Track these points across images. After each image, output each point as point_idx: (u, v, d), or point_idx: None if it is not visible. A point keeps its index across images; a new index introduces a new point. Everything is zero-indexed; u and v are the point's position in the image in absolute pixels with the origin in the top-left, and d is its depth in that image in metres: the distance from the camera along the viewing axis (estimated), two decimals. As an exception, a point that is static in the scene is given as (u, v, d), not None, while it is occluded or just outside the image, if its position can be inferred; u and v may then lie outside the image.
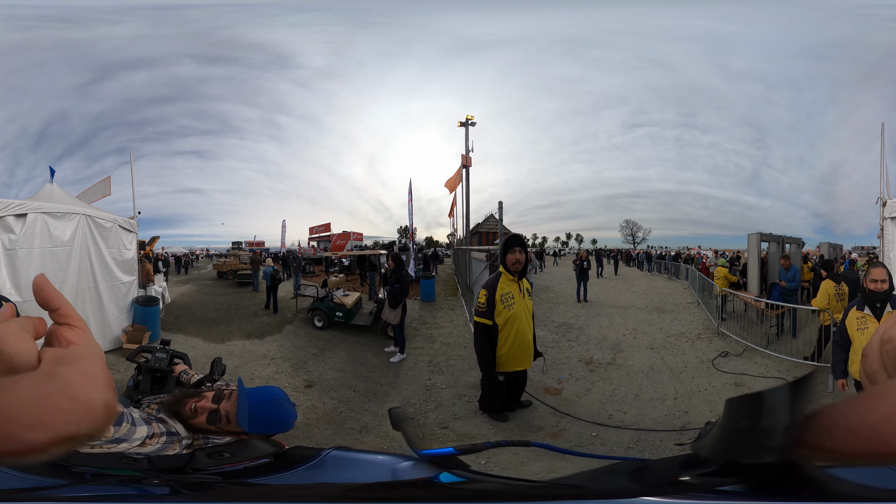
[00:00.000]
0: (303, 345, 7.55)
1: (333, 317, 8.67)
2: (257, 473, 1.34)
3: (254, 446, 1.54)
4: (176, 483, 1.18)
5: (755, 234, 10.61)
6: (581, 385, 5.28)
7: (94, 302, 6.50)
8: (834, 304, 5.73)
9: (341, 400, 5.13)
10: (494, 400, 4.18)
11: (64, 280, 5.83)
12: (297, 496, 1.16)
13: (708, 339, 7.35)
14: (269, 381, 5.68)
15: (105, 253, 6.89)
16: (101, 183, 8.53)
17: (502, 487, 1.11)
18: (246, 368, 6.25)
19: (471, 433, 4.05)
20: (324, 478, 1.21)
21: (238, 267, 19.36)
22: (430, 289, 12.03)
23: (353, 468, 1.30)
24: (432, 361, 6.43)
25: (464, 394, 5.01)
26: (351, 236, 42.04)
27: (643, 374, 5.59)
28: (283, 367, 6.39)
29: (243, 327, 8.90)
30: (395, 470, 1.20)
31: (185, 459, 1.36)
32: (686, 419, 4.25)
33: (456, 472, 1.10)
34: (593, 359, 6.35)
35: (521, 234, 6.38)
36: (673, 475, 0.97)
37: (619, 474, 1.09)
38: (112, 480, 1.28)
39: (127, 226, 7.68)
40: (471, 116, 19.32)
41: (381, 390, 5.49)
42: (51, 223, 5.75)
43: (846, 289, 5.98)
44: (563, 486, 1.05)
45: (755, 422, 0.82)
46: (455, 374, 5.75)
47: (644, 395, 4.90)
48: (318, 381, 5.73)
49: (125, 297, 7.37)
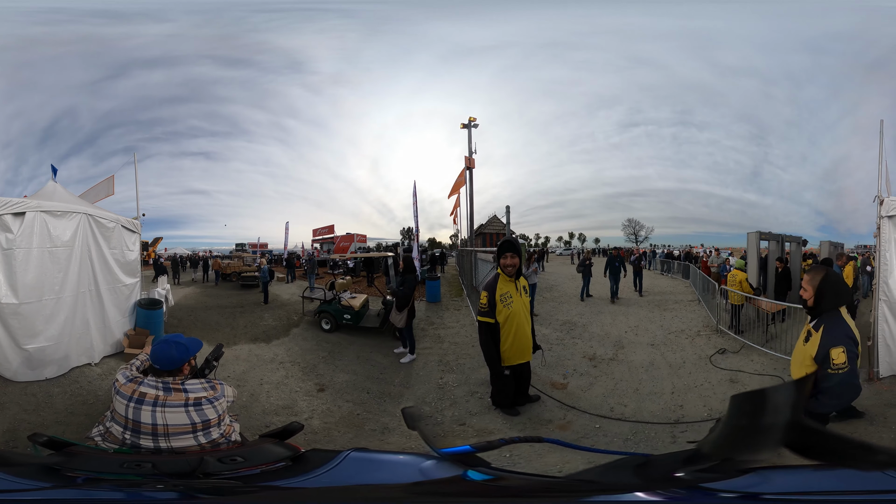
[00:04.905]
0: (311, 348, 7.49)
1: (341, 319, 8.67)
2: (276, 477, 1.29)
3: (267, 450, 1.55)
4: (186, 487, 1.13)
5: (754, 233, 10.49)
6: (585, 380, 5.49)
7: (95, 305, 6.21)
8: None
9: (356, 402, 5.11)
10: (504, 394, 4.43)
11: (63, 282, 5.59)
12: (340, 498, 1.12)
13: (707, 336, 7.49)
14: (278, 386, 5.63)
15: (107, 254, 6.63)
16: (105, 182, 8.25)
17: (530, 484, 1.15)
18: (254, 373, 6.07)
19: (487, 428, 4.20)
20: (349, 479, 1.20)
21: (242, 269, 19.13)
22: (435, 290, 12.15)
23: (377, 469, 1.30)
24: (442, 361, 6.53)
25: (475, 391, 5.17)
26: (354, 238, 42.12)
27: (643, 370, 5.78)
28: (293, 371, 6.27)
29: (249, 331, 8.74)
30: (421, 469, 1.20)
31: (195, 464, 1.32)
32: (681, 413, 4.45)
33: (481, 469, 1.13)
34: (596, 355, 6.54)
35: (515, 239, 6.59)
36: (673, 471, 0.99)
37: (624, 469, 1.10)
38: (104, 485, 1.22)
39: (130, 226, 7.42)
40: (473, 118, 18.94)
41: (395, 391, 5.50)
42: (50, 222, 5.49)
43: None
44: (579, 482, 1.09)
45: (757, 419, 0.88)
46: (465, 373, 5.89)
47: (643, 390, 5.11)
48: (330, 384, 5.68)
49: (127, 299, 7.08)
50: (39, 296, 5.24)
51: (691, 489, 0.91)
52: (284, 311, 11.07)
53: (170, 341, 2.26)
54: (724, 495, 0.89)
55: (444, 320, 9.41)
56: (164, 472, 1.34)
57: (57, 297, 5.45)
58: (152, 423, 2.01)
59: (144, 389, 2.07)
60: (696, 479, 0.92)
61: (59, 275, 5.52)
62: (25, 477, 1.16)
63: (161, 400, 2.04)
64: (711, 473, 0.91)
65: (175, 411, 2.04)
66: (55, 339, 5.33)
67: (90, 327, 5.96)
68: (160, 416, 2.02)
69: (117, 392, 2.10)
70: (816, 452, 0.90)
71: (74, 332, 5.65)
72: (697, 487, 0.90)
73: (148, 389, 2.07)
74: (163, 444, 2.01)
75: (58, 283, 5.47)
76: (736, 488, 0.89)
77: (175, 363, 2.21)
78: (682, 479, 0.94)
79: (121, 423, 2.05)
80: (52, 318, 5.35)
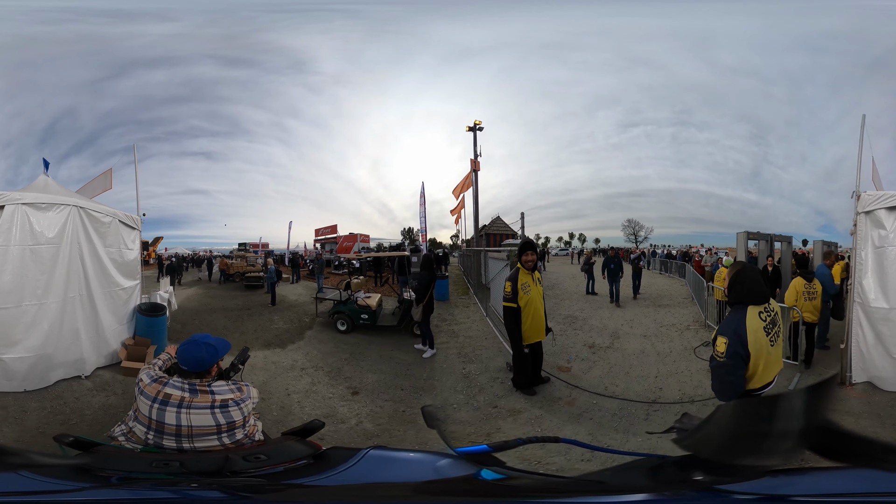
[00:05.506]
0: (331, 351, 7.27)
1: (358, 319, 8.55)
2: (299, 475, 1.30)
3: (289, 448, 1.57)
4: (220, 486, 1.14)
5: (742, 233, 10.78)
6: (585, 364, 6.16)
7: (87, 311, 5.41)
8: (802, 302, 5.92)
9: (395, 400, 5.14)
10: (524, 374, 5.13)
11: (48, 285, 4.82)
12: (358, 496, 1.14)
13: (695, 330, 8.01)
14: (308, 394, 5.32)
15: (101, 252, 5.76)
16: (102, 176, 7.40)
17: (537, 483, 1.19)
18: (276, 383, 5.61)
19: (515, 407, 4.74)
20: (368, 477, 1.21)
21: (246, 269, 18.68)
22: (444, 288, 12.42)
23: (395, 467, 1.32)
24: (461, 353, 6.89)
25: (496, 377, 5.67)
26: (358, 238, 42.43)
27: (634, 357, 6.42)
28: (319, 376, 5.96)
29: (260, 335, 8.31)
30: (436, 467, 1.22)
31: (220, 462, 1.33)
32: (659, 394, 5.06)
33: (495, 468, 1.16)
34: (595, 343, 7.23)
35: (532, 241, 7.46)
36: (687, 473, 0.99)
37: (636, 470, 1.12)
38: (145, 484, 1.23)
39: (129, 221, 6.60)
40: (479, 121, 18.98)
41: (426, 384, 5.68)
42: (33, 216, 4.78)
43: (818, 287, 6.06)
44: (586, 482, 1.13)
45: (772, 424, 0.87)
46: (484, 362, 6.35)
47: (633, 373, 5.73)
48: (362, 386, 5.59)
49: (125, 305, 6.23)
50: (18, 300, 4.58)
51: (703, 491, 0.90)
52: (294, 312, 10.80)
53: (199, 342, 2.19)
54: (739, 497, 0.87)
55: (456, 317, 9.77)
56: (192, 470, 1.35)
57: (40, 303, 4.74)
58: (176, 424, 1.97)
59: (169, 390, 2.03)
60: (710, 481, 0.91)
61: (43, 277, 4.78)
62: (58, 477, 1.15)
63: (186, 401, 2.00)
64: (727, 476, 0.90)
65: (200, 413, 2.00)
66: (36, 350, 4.66)
67: (80, 337, 5.21)
68: (185, 417, 1.98)
69: (141, 392, 2.06)
70: (841, 454, 0.89)
71: (61, 343, 4.93)
72: (711, 490, 0.89)
73: (173, 391, 2.03)
74: (185, 445, 1.98)
75: (41, 287, 4.76)
76: (753, 490, 0.88)
77: (204, 365, 2.15)
78: (695, 482, 0.93)
79: (144, 423, 2.01)
80: (33, 327, 4.66)
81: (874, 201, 4.88)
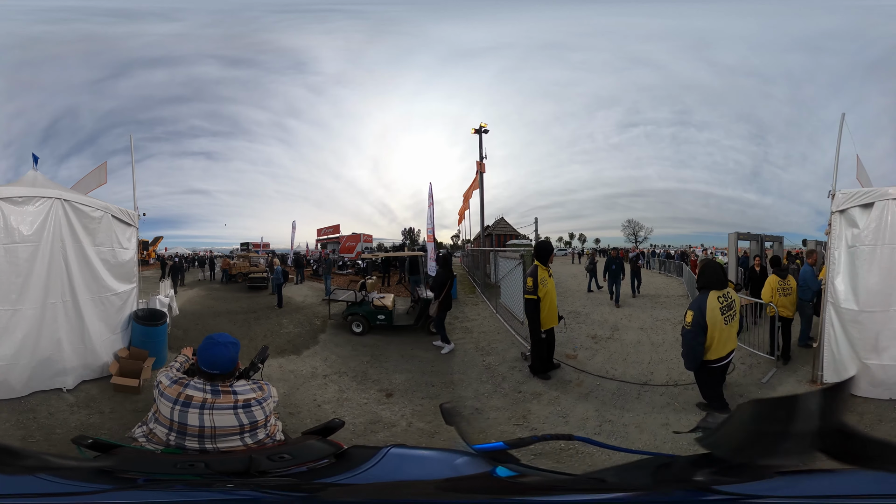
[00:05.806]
0: (350, 354, 7.03)
1: (374, 320, 8.37)
2: (323, 475, 1.31)
3: (311, 447, 1.58)
4: (254, 486, 1.14)
5: (733, 233, 10.98)
6: (589, 352, 6.83)
7: (71, 319, 4.74)
8: (778, 298, 6.18)
9: (431, 396, 5.21)
10: (540, 359, 5.72)
11: (23, 289, 4.22)
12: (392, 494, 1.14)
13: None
14: (340, 402, 5.07)
15: (90, 252, 5.10)
16: (97, 170, 6.72)
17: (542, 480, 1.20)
18: (300, 395, 5.23)
19: (536, 391, 5.23)
20: (390, 475, 1.22)
21: (249, 269, 18.05)
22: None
23: (415, 465, 1.34)
24: (478, 347, 7.25)
25: (514, 366, 6.14)
26: (361, 238, 42.72)
27: (631, 346, 7.11)
28: (345, 382, 5.71)
29: (272, 341, 7.77)
30: (454, 465, 1.23)
31: (246, 462, 1.32)
32: (650, 377, 5.65)
33: (510, 465, 1.19)
34: (597, 335, 7.93)
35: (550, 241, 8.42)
36: (692, 472, 1.00)
37: (644, 469, 1.15)
38: (176, 485, 1.22)
39: (123, 217, 5.88)
40: (484, 124, 19.21)
41: (455, 378, 5.87)
42: (8, 211, 4.21)
43: (793, 283, 6.38)
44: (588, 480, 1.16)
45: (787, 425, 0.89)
46: (501, 353, 6.78)
47: (629, 360, 6.42)
48: (393, 388, 5.54)
49: (119, 312, 5.53)
50: (-11, 306, 3.91)
51: (702, 491, 0.90)
52: (303, 315, 10.28)
53: (222, 342, 2.12)
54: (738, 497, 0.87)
55: (467, 314, 10.08)
56: (218, 470, 1.33)
57: (13, 309, 4.17)
58: (199, 426, 1.95)
59: (191, 392, 2.01)
60: (711, 481, 0.91)
61: (18, 280, 4.20)
62: (79, 480, 1.13)
63: (209, 403, 1.98)
64: (730, 476, 0.91)
65: (223, 413, 1.98)
66: (8, 360, 4.12)
67: (62, 347, 4.58)
68: (208, 418, 1.96)
69: (161, 394, 2.04)
70: (849, 456, 0.89)
71: (38, 353, 4.35)
72: (708, 489, 0.89)
73: (195, 392, 2.01)
74: (208, 446, 1.96)
75: (15, 291, 4.18)
76: (756, 492, 0.88)
77: (234, 363, 2.14)
78: (697, 481, 0.94)
79: (165, 424, 1.99)
80: (5, 334, 4.11)
81: (848, 199, 4.85)
